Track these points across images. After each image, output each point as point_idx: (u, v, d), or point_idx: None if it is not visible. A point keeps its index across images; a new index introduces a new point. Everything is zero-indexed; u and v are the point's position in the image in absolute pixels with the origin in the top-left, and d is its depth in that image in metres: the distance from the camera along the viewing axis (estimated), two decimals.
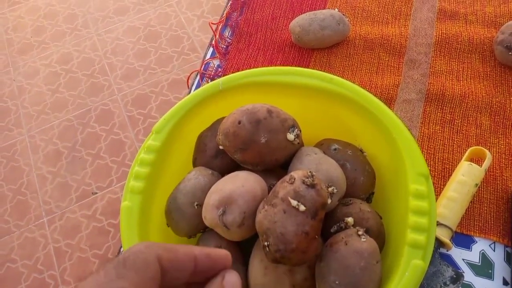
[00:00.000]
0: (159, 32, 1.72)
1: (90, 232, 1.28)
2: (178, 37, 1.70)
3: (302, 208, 0.34)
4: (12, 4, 1.89)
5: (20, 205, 1.35)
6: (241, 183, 0.38)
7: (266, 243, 0.35)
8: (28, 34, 1.78)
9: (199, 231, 0.42)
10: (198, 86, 0.61)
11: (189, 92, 0.61)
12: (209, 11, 1.76)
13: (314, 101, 0.46)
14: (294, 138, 0.41)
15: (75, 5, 1.86)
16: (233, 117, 0.41)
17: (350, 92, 0.43)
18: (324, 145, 0.45)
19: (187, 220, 0.40)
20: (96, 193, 1.35)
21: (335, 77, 0.44)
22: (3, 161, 1.44)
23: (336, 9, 0.60)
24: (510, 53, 0.54)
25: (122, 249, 0.51)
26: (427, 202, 0.37)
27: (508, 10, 0.62)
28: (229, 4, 0.67)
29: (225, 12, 0.66)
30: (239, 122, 0.40)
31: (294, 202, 0.34)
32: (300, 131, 0.43)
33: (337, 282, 0.35)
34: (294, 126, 0.42)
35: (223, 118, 0.45)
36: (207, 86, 0.46)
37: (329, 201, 0.37)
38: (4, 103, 1.59)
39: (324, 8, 0.66)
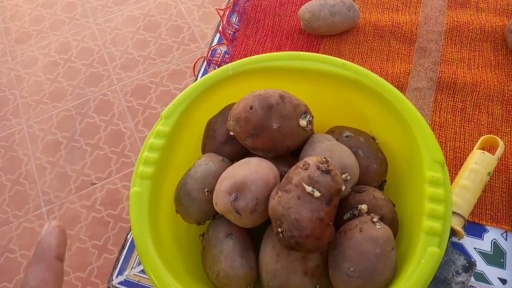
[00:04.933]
0: (159, 22, 1.70)
1: (89, 223, 1.27)
2: (178, 27, 1.68)
3: (317, 194, 0.34)
4: None
5: (19, 195, 1.34)
6: (254, 169, 0.38)
7: (279, 229, 0.34)
8: (26, 23, 1.76)
9: (208, 217, 0.41)
10: (205, 72, 0.60)
11: (196, 79, 0.60)
12: (210, 1, 1.73)
13: (326, 87, 0.45)
14: (307, 124, 0.40)
15: None
16: (244, 102, 0.40)
17: (364, 77, 0.43)
18: (335, 132, 0.44)
19: (197, 206, 0.40)
20: (95, 183, 1.34)
21: (347, 62, 0.43)
22: (1, 151, 1.43)
23: None
24: None
25: (130, 235, 0.50)
26: (443, 189, 0.36)
27: None
28: None
29: None
30: (251, 108, 0.40)
31: (308, 188, 0.34)
32: (313, 117, 0.42)
33: (351, 269, 0.34)
34: (306, 112, 0.41)
35: (233, 104, 0.44)
36: (217, 71, 0.45)
37: (343, 187, 0.36)
38: (2, 93, 1.57)
39: None
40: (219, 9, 0.62)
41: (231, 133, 0.41)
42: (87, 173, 1.37)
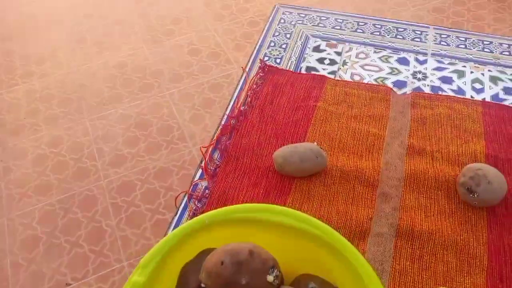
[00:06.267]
0: (150, 120, 1.79)
1: None
2: (169, 126, 1.76)
3: None
4: (10, 85, 1.97)
5: None
6: None
7: None
8: (22, 116, 1.83)
9: None
10: (185, 206, 0.64)
11: (177, 212, 0.64)
12: (200, 104, 1.85)
13: (292, 239, 0.49)
14: (274, 280, 0.44)
15: (71, 91, 1.94)
16: (217, 256, 0.44)
17: (325, 234, 0.47)
18: (301, 282, 0.47)
19: None
20: (70, 284, 1.31)
21: (312, 218, 0.48)
22: None
23: (315, 142, 0.66)
24: (470, 195, 0.60)
25: None
26: None
27: (469, 149, 0.69)
28: (220, 127, 0.73)
29: (215, 136, 0.71)
30: (222, 263, 0.43)
31: None
32: (280, 271, 0.45)
33: None
34: (274, 266, 0.45)
35: (208, 249, 0.48)
36: (193, 221, 0.49)
37: None
38: None
39: (304, 137, 0.73)
40: (203, 147, 0.69)
41: (203, 286, 0.44)
42: (63, 272, 1.34)
